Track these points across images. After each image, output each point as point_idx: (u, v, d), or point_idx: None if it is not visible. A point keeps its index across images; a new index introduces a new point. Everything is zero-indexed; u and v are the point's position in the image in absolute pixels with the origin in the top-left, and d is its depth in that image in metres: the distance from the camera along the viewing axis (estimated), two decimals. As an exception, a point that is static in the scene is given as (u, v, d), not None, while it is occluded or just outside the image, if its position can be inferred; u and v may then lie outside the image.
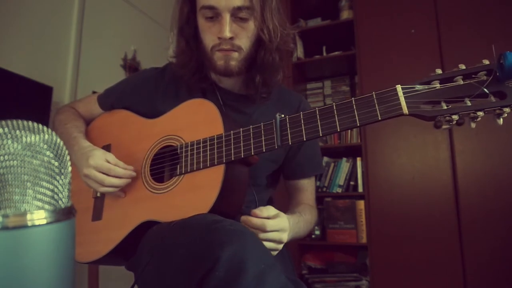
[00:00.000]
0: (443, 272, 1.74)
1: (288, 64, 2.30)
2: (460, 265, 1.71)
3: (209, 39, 0.85)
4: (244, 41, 0.84)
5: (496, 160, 1.72)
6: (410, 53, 1.96)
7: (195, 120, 0.84)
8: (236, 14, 0.81)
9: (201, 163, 0.79)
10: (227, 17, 0.80)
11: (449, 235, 1.75)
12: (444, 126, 0.63)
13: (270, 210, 0.74)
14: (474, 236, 1.71)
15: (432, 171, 1.85)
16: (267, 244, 0.71)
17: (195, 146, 0.81)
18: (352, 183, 2.17)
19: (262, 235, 0.71)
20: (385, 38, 2.05)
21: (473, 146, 1.78)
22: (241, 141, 0.75)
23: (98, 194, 0.93)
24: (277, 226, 0.73)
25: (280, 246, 0.75)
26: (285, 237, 0.74)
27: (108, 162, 0.84)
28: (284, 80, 0.98)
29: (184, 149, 0.83)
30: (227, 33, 0.81)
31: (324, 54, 2.38)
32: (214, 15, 0.82)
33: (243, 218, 0.73)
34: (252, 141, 0.75)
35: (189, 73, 0.92)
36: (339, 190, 2.18)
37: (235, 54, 0.84)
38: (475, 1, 1.86)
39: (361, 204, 2.09)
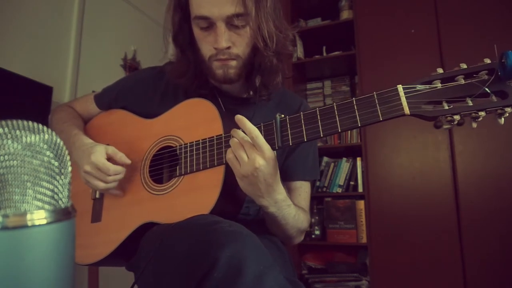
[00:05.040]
0: (443, 272, 1.74)
1: (288, 64, 2.29)
2: (460, 265, 1.71)
3: (205, 49, 0.82)
4: (242, 49, 0.81)
5: (496, 160, 1.72)
6: (410, 53, 1.96)
7: (194, 120, 0.83)
8: (231, 22, 0.77)
9: (201, 164, 0.78)
10: (221, 26, 0.77)
11: (449, 235, 1.75)
12: (445, 126, 0.63)
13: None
14: (474, 236, 1.71)
15: (432, 171, 1.84)
16: (235, 163, 0.70)
17: (194, 147, 0.80)
18: (352, 183, 2.17)
19: (236, 146, 0.69)
20: (385, 38, 2.05)
21: (473, 146, 1.78)
22: None
23: (97, 196, 0.92)
24: (266, 149, 0.69)
25: (246, 171, 0.68)
26: (264, 168, 0.68)
27: (108, 154, 0.83)
28: (284, 80, 0.95)
29: (183, 150, 0.82)
30: (223, 44, 0.77)
31: (324, 54, 2.38)
32: (209, 24, 0.78)
33: (239, 116, 0.71)
34: None
35: (187, 82, 0.89)
36: (339, 190, 2.18)
37: (233, 63, 0.81)
38: (475, 1, 1.86)
39: (361, 204, 2.09)
